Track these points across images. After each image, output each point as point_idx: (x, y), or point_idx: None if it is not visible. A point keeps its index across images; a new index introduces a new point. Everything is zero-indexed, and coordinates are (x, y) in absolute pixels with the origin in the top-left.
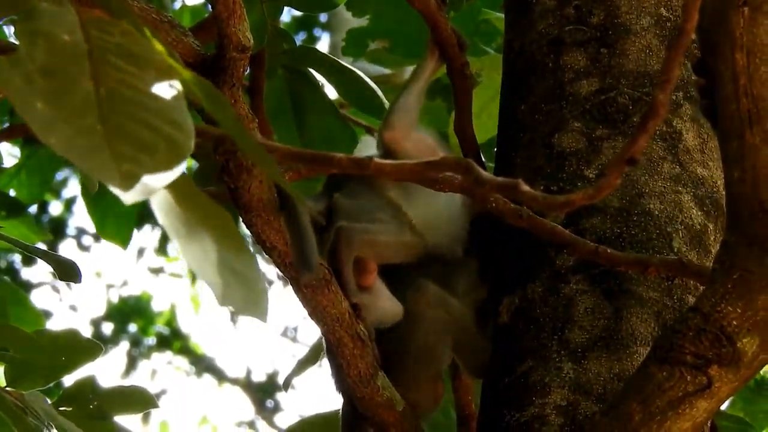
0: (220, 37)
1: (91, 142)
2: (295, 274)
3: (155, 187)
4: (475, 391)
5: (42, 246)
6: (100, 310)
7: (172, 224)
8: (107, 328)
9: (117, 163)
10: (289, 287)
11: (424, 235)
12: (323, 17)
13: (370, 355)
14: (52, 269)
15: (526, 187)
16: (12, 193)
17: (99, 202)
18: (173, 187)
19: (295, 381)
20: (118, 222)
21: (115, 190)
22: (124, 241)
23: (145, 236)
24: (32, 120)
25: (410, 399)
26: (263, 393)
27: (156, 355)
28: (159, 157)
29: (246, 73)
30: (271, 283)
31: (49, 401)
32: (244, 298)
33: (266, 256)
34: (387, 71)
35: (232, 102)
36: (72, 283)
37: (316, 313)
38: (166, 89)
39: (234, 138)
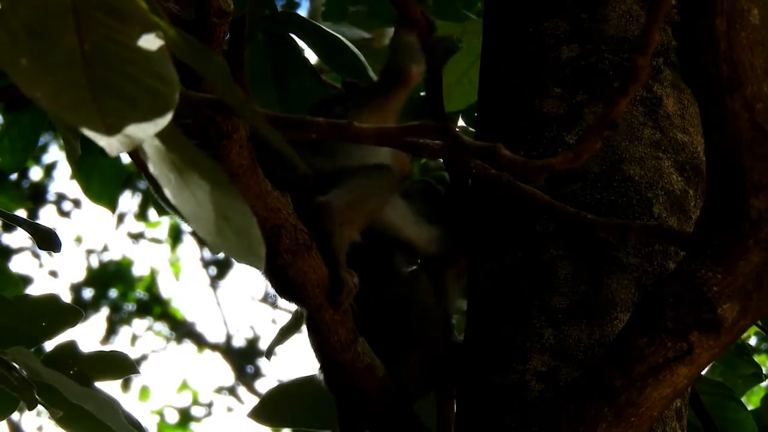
0: (200, 2)
1: (76, 96)
2: (275, 241)
3: (140, 138)
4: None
5: (22, 212)
6: (81, 276)
7: (162, 172)
8: (87, 293)
9: (102, 115)
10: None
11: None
12: None
13: (350, 321)
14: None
15: (505, 151)
16: None
17: (84, 164)
18: (163, 136)
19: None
20: (105, 184)
21: (101, 142)
22: (111, 202)
23: (125, 202)
24: (17, 76)
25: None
26: (243, 359)
27: (136, 321)
28: (144, 108)
29: (226, 38)
30: None
31: None
32: (238, 244)
33: None
34: (367, 35)
35: None
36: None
37: (296, 278)
38: (149, 43)
39: (220, 88)
